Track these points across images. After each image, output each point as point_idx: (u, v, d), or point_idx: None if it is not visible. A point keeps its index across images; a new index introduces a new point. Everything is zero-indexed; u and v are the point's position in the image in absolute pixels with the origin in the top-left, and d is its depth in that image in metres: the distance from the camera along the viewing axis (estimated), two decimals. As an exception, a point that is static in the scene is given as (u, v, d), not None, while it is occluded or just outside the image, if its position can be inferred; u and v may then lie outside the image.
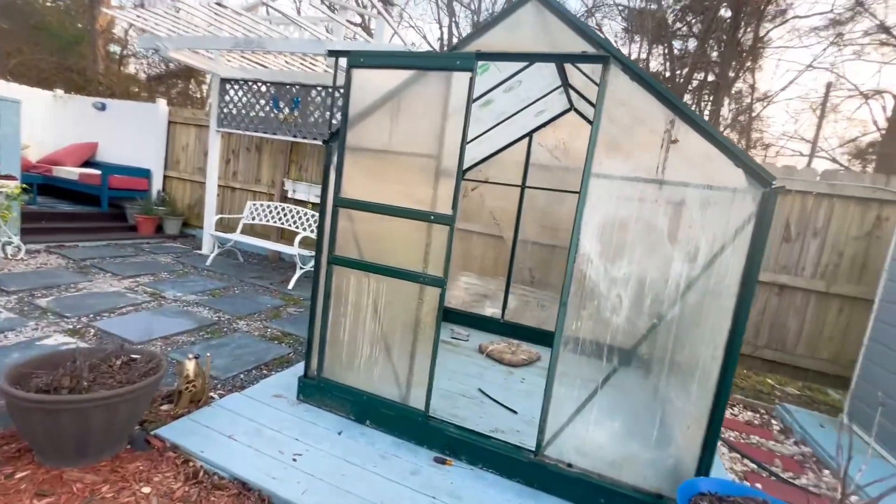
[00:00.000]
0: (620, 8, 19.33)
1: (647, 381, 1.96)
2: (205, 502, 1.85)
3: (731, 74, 17.43)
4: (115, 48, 16.43)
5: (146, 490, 1.84)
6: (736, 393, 4.13)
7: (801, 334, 4.40)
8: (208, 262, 6.00)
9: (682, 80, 18.21)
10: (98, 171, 7.14)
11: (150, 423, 2.27)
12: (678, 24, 18.57)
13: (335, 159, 2.42)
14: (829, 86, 16.89)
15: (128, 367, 2.09)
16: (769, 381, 4.74)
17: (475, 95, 2.92)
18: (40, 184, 7.20)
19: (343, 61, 2.31)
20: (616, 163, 1.91)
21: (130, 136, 7.82)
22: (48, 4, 15.09)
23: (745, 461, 2.94)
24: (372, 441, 2.36)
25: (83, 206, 7.24)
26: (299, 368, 3.12)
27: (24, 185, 5.04)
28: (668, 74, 18.31)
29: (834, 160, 17.05)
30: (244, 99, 6.30)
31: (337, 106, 5.50)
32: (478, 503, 2.01)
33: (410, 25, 20.03)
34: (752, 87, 18.52)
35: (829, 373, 4.32)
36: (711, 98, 17.50)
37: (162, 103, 7.71)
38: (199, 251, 6.67)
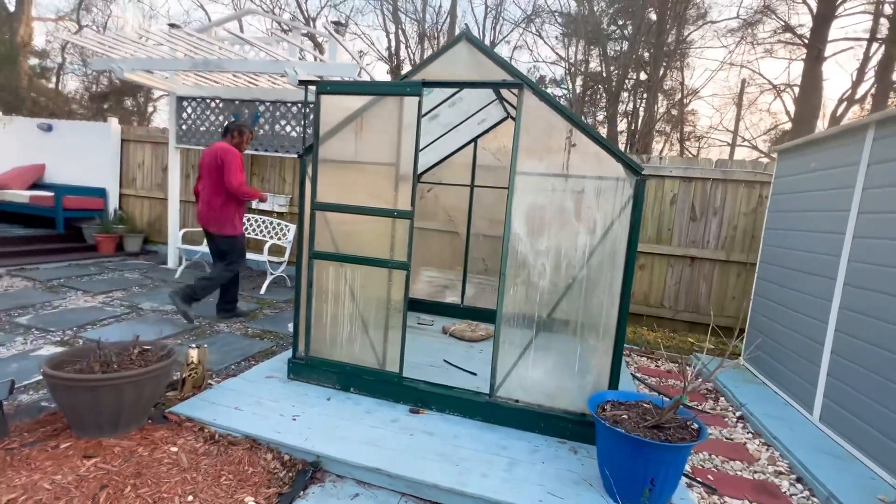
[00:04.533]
0: (558, 14, 20.53)
1: (568, 327, 2.57)
2: (224, 455, 2.26)
3: (661, 73, 19.04)
4: (37, 62, 15.69)
5: (174, 449, 2.23)
6: (661, 350, 4.90)
7: (711, 297, 5.26)
8: (177, 276, 6.17)
9: (616, 79, 19.66)
10: (51, 193, 7.08)
11: (161, 406, 2.63)
12: (612, 28, 20.03)
13: (310, 170, 2.88)
14: (743, 82, 18.84)
15: (143, 355, 2.46)
16: (690, 339, 5.59)
17: (425, 111, 3.47)
18: (-12, 209, 7.05)
19: (312, 89, 2.78)
20: (534, 162, 2.51)
21: (82, 156, 7.77)
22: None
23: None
24: (357, 402, 2.84)
25: (37, 229, 7.15)
26: (285, 356, 3.53)
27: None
28: (604, 75, 19.69)
29: (755, 148, 19.01)
30: (202, 116, 6.52)
31: (301, 122, 5.89)
32: (447, 435, 2.54)
33: (357, 35, 20.38)
34: (682, 85, 20.27)
35: (734, 327, 5.19)
36: (645, 96, 19.02)
37: (114, 122, 7.72)
38: (164, 266, 6.80)
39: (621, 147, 19.21)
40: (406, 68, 19.75)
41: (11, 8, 15.18)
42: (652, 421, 2.05)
